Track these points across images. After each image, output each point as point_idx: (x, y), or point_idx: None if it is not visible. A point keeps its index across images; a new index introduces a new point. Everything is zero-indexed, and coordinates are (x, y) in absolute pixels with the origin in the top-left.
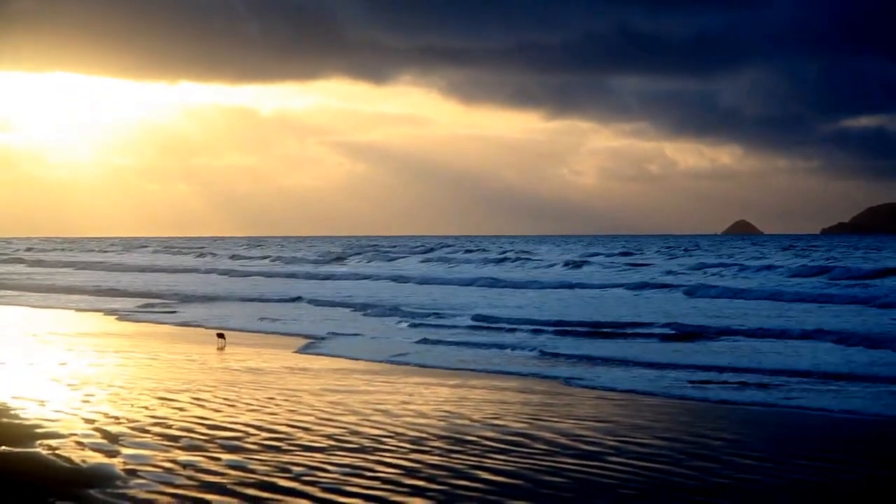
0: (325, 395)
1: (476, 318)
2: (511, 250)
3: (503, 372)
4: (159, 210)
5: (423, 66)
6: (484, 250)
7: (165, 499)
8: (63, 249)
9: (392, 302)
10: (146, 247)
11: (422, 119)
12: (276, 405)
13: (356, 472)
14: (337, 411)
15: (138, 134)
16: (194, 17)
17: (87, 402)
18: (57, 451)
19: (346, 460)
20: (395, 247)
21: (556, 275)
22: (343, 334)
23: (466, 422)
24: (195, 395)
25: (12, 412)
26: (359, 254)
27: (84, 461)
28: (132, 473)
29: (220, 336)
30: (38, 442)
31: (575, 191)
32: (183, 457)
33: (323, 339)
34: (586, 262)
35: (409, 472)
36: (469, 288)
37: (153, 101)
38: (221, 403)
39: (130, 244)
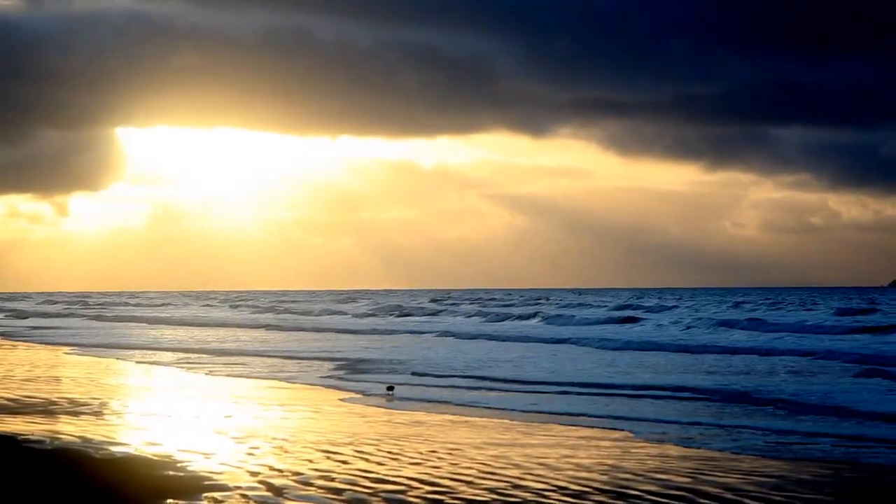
0: (487, 449)
1: (413, 373)
2: (575, 304)
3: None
4: (324, 263)
5: (582, 118)
6: (539, 302)
7: None
8: (155, 304)
9: (354, 355)
10: (247, 299)
11: (581, 171)
12: (439, 458)
13: None
14: (499, 464)
15: (302, 188)
16: (354, 72)
17: (252, 454)
18: None
19: None
20: (492, 299)
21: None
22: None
23: (629, 475)
24: (358, 448)
25: (179, 464)
26: (390, 310)
27: None
28: None
29: (390, 389)
30: (205, 494)
31: (737, 243)
32: None
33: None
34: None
35: None
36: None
37: (315, 155)
38: (384, 456)
39: (227, 298)
